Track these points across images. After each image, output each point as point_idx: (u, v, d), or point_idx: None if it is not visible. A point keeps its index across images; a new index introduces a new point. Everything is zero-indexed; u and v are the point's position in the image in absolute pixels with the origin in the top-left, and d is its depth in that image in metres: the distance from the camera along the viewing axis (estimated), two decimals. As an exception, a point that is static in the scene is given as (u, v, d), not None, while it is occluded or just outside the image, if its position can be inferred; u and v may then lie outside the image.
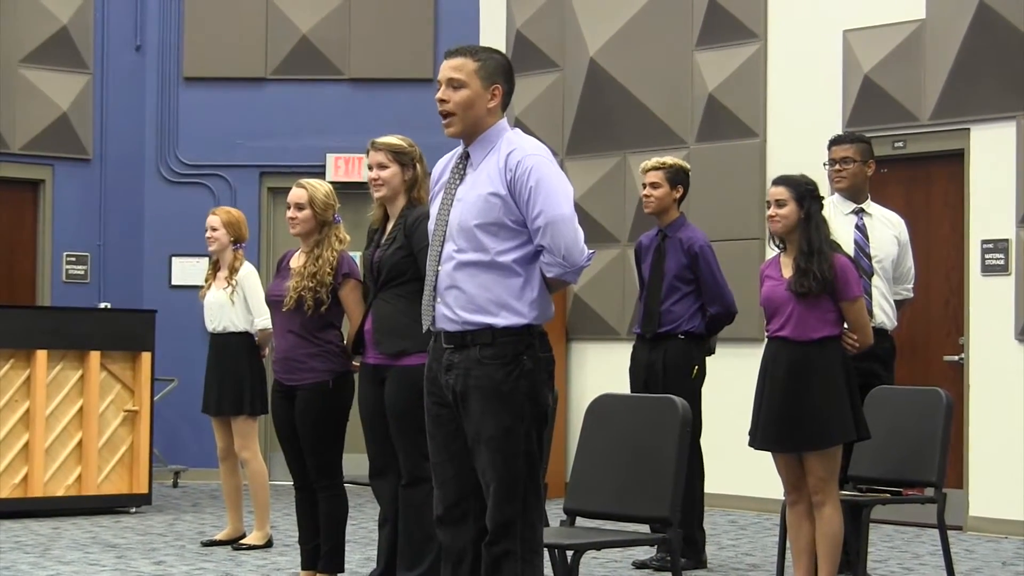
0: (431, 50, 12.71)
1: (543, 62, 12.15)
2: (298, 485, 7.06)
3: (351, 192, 11.25)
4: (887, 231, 7.56)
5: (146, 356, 10.40)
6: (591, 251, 4.69)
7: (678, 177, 8.24)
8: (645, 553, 8.15)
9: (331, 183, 8.04)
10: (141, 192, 12.88)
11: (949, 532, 6.96)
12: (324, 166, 12.55)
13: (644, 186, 8.30)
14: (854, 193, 7.55)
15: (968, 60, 9.81)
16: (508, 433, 4.60)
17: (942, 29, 9.97)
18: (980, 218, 9.80)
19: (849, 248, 7.15)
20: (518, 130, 4.81)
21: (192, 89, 12.93)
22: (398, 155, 6.51)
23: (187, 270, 12.60)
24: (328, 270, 6.84)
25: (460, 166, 4.78)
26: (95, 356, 10.18)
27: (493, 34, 12.39)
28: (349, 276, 6.87)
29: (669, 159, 8.37)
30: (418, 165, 6.53)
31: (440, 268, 4.73)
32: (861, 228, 7.48)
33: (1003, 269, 9.65)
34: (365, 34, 12.82)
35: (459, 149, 4.83)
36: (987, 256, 9.73)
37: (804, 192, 6.41)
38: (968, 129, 9.89)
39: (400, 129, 7.15)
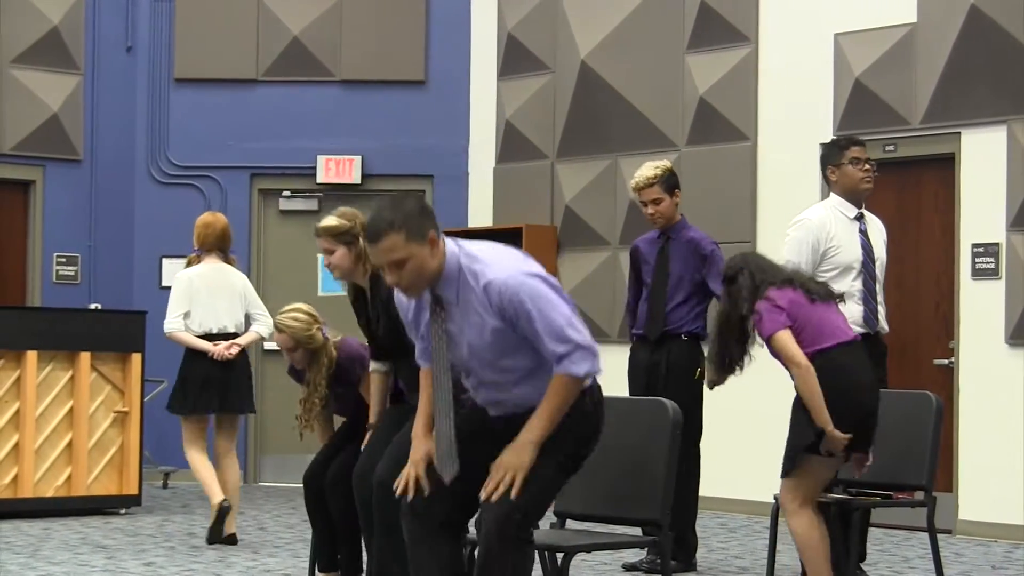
0: (422, 52, 12.68)
1: (534, 64, 12.14)
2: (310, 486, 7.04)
3: (341, 194, 11.26)
4: (880, 236, 7.57)
5: (136, 357, 10.39)
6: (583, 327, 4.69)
7: (671, 181, 8.19)
8: (635, 556, 8.15)
9: (321, 184, 8.00)
10: (132, 193, 12.86)
11: (939, 536, 6.95)
12: (315, 168, 12.50)
13: (644, 204, 8.19)
14: (865, 197, 7.54)
15: (959, 64, 9.82)
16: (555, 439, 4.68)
17: (933, 33, 9.98)
18: (971, 222, 9.81)
19: (857, 255, 7.22)
20: (461, 245, 4.72)
21: (183, 90, 12.92)
22: (338, 236, 6.38)
23: (177, 271, 12.55)
24: (323, 393, 7.06)
25: (436, 307, 4.74)
26: (85, 357, 10.16)
27: (484, 36, 12.38)
28: (362, 372, 6.90)
29: (657, 168, 8.18)
30: (360, 236, 6.22)
31: (468, 396, 4.89)
32: (864, 233, 7.46)
33: (993, 273, 9.66)
34: (356, 36, 12.80)
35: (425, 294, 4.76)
36: (977, 260, 9.73)
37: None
38: (959, 133, 9.89)
39: (392, 131, 7.13)
